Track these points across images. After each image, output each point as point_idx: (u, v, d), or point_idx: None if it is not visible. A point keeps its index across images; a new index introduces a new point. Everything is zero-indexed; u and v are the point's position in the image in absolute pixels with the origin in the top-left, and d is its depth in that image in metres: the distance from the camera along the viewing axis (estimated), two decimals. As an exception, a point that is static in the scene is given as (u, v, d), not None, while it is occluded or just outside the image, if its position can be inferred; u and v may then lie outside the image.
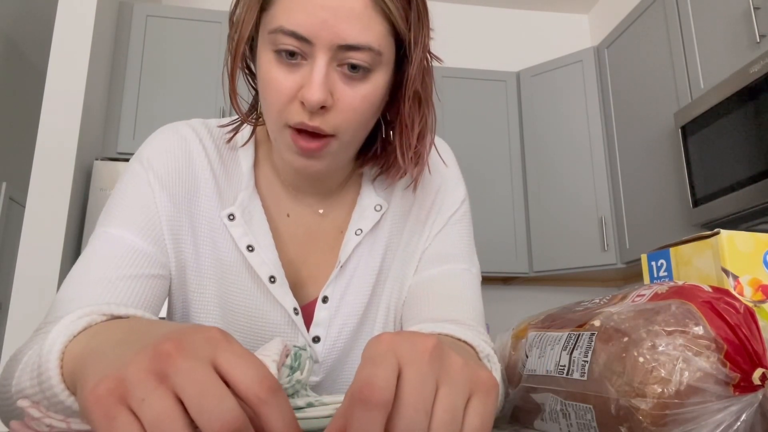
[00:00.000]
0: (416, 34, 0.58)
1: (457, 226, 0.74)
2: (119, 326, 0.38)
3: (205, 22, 2.60)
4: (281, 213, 0.69)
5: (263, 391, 0.27)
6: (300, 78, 0.55)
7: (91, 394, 0.27)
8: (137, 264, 0.59)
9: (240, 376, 0.28)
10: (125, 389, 0.27)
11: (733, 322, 0.41)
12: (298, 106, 0.55)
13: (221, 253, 0.65)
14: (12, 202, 3.79)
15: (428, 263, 0.71)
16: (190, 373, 0.27)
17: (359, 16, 0.53)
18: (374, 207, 0.70)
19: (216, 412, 0.26)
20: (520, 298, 3.14)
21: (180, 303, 0.67)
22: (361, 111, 0.57)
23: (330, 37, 0.53)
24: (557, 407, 0.48)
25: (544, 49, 3.39)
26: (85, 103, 2.24)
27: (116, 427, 0.26)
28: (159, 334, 0.30)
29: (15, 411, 0.45)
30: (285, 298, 0.65)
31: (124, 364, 0.28)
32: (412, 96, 0.60)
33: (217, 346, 0.29)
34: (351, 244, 0.68)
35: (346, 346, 0.69)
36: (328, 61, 0.54)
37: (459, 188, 0.75)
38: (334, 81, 0.55)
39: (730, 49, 1.99)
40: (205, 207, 0.65)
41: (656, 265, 0.62)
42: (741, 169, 1.84)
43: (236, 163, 0.68)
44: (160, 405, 0.26)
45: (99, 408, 0.26)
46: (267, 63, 0.56)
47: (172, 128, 0.67)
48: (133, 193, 0.63)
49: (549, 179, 2.86)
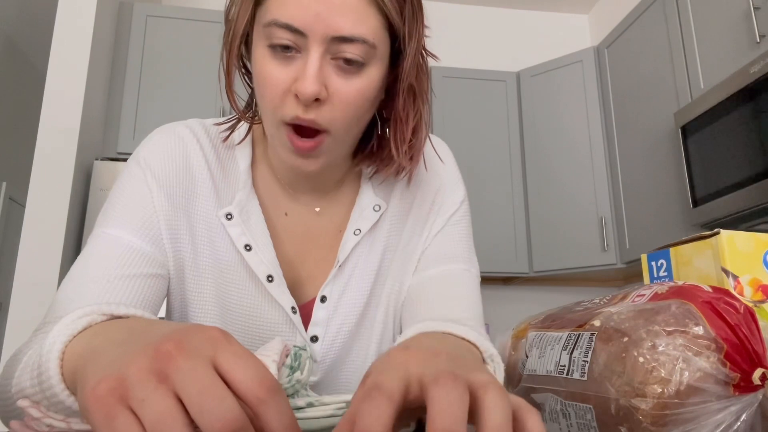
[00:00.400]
0: (411, 29, 0.58)
1: (457, 227, 0.74)
2: (120, 326, 0.38)
3: (205, 22, 2.60)
4: (279, 212, 0.69)
5: (263, 391, 0.27)
6: (294, 71, 0.55)
7: (91, 394, 0.27)
8: (136, 263, 0.59)
9: (240, 376, 0.28)
10: (126, 389, 0.27)
11: (733, 322, 0.41)
12: (293, 99, 0.55)
13: (219, 253, 0.65)
14: (12, 202, 3.79)
15: (428, 263, 0.71)
16: (190, 373, 0.27)
17: (353, 9, 0.53)
18: (373, 207, 0.70)
19: (216, 412, 0.26)
20: (520, 298, 3.14)
21: (178, 302, 0.67)
22: (355, 105, 0.57)
23: (324, 29, 0.53)
24: (557, 407, 0.48)
25: (544, 49, 3.39)
26: (85, 103, 2.24)
27: (116, 427, 0.26)
28: (159, 333, 0.30)
29: (15, 411, 0.45)
30: (283, 297, 0.65)
31: (125, 364, 0.28)
32: (407, 89, 0.61)
33: (218, 346, 0.29)
34: (350, 243, 0.68)
35: (344, 345, 0.69)
36: (322, 54, 0.54)
37: (458, 189, 0.75)
38: (328, 74, 0.55)
39: (730, 49, 1.99)
40: (202, 207, 0.65)
41: (656, 265, 0.62)
42: (741, 169, 1.84)
43: (233, 162, 0.68)
44: (161, 405, 0.26)
45: (99, 407, 0.26)
46: (261, 58, 0.56)
47: (168, 128, 0.67)
48: (130, 194, 0.63)
49: (549, 179, 2.86)
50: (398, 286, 0.72)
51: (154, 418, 0.25)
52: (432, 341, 0.45)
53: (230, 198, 0.66)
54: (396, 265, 0.71)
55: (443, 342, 0.47)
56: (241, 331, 0.66)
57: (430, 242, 0.72)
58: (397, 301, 0.72)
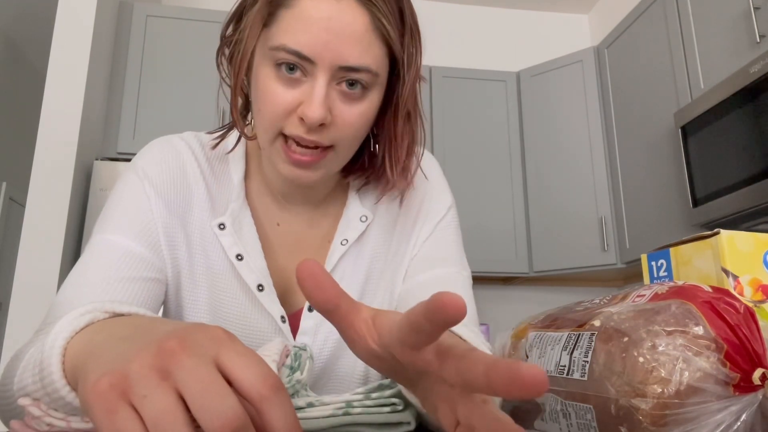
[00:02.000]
0: (410, 56, 0.61)
1: (446, 232, 0.74)
2: (123, 323, 0.38)
3: (205, 22, 2.60)
4: (271, 223, 0.70)
5: (266, 389, 0.27)
6: (300, 94, 0.56)
7: (92, 389, 0.27)
8: (134, 267, 0.60)
9: (243, 374, 0.27)
10: (127, 385, 0.27)
11: (733, 322, 0.41)
12: (296, 120, 0.57)
13: (212, 262, 0.67)
14: (12, 202, 3.79)
15: (418, 268, 0.72)
16: (193, 371, 0.27)
17: (360, 39, 0.55)
18: (360, 218, 0.71)
19: (218, 411, 0.26)
20: (520, 298, 3.14)
21: (174, 308, 0.68)
22: (356, 127, 0.59)
23: (332, 58, 0.54)
24: (557, 407, 0.48)
25: (544, 49, 3.39)
26: (85, 103, 2.24)
27: (116, 422, 0.26)
28: (163, 331, 0.30)
29: (16, 410, 0.45)
30: (272, 306, 0.66)
31: (127, 360, 0.28)
32: (404, 113, 0.63)
33: (221, 345, 0.29)
34: (336, 253, 0.69)
35: (332, 354, 0.69)
36: (328, 81, 0.56)
37: (444, 196, 0.76)
38: (333, 99, 0.57)
39: (730, 49, 1.99)
40: (197, 217, 0.67)
41: (656, 265, 0.62)
42: (741, 169, 1.84)
43: (227, 174, 0.69)
44: (162, 402, 0.26)
45: (100, 402, 0.26)
46: (265, 77, 0.57)
47: (164, 140, 0.69)
48: (129, 200, 0.64)
49: (549, 179, 2.86)
50: (388, 296, 0.72)
51: (155, 415, 0.25)
52: None
53: (223, 208, 0.68)
54: (385, 275, 0.72)
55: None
56: None
57: (419, 248, 0.73)
58: (388, 308, 0.72)
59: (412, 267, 0.72)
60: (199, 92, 2.51)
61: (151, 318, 0.40)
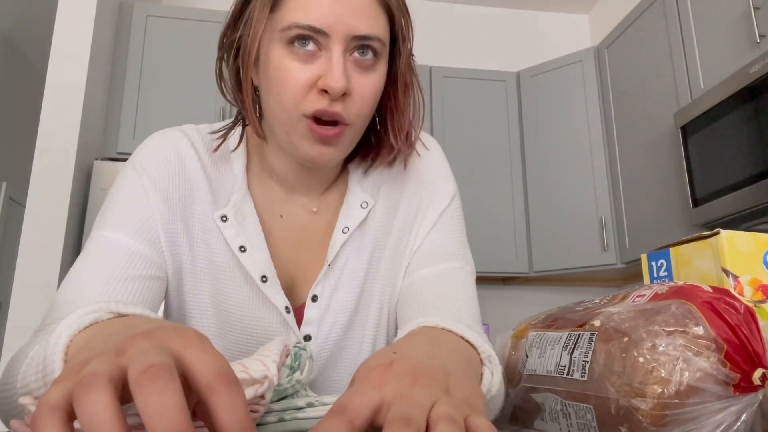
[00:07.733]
0: (405, 30, 0.64)
1: (449, 224, 0.74)
2: (120, 321, 0.38)
3: (205, 22, 2.60)
4: (274, 214, 0.70)
5: (215, 380, 0.26)
6: (317, 69, 0.58)
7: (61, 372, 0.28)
8: (134, 266, 0.60)
9: (196, 367, 0.27)
10: (86, 364, 0.27)
11: (733, 322, 0.41)
12: (316, 95, 0.58)
13: (215, 255, 0.66)
14: (12, 202, 3.79)
15: (421, 263, 0.71)
16: (145, 352, 0.27)
17: (368, 10, 0.59)
18: (360, 204, 0.71)
19: (155, 390, 0.24)
20: (520, 298, 3.14)
21: (176, 304, 0.68)
22: (369, 99, 0.61)
23: (345, 29, 0.57)
24: (557, 407, 0.48)
25: (544, 49, 3.39)
26: (85, 103, 2.24)
27: (51, 389, 0.26)
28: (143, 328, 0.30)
29: (16, 409, 0.45)
30: (277, 297, 0.66)
31: (101, 350, 0.29)
32: (403, 84, 0.66)
33: (187, 342, 0.29)
34: (338, 242, 0.69)
35: (337, 344, 0.69)
36: (343, 51, 0.58)
37: (448, 184, 0.76)
38: (349, 69, 0.59)
39: (730, 49, 1.99)
40: (199, 209, 0.66)
41: (656, 265, 0.62)
42: (741, 169, 1.84)
43: (229, 165, 0.69)
44: (95, 367, 0.26)
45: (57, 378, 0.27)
46: (280, 58, 0.59)
47: (163, 134, 0.69)
48: (127, 197, 0.64)
49: (549, 179, 2.86)
50: (391, 285, 0.72)
51: (81, 378, 0.25)
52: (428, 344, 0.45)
53: (226, 200, 0.67)
54: (386, 263, 0.72)
55: (441, 343, 0.47)
56: (237, 331, 0.67)
57: (423, 240, 0.72)
58: (390, 299, 0.72)
59: (415, 261, 0.72)
60: (199, 92, 2.51)
61: (148, 318, 0.40)
